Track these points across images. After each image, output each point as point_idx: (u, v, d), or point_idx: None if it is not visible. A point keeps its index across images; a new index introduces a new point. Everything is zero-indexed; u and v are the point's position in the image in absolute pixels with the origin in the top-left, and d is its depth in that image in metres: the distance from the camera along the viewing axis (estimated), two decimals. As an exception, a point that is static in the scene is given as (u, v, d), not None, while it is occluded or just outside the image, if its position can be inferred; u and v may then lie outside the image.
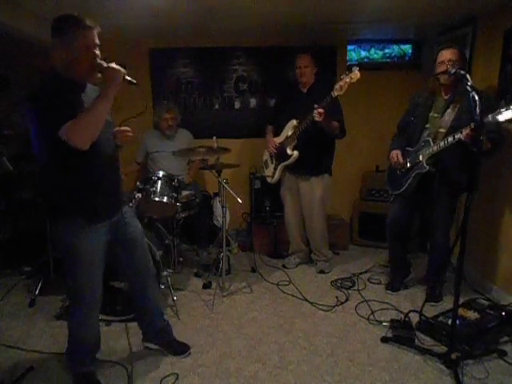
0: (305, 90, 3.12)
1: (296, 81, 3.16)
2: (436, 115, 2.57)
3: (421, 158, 2.55)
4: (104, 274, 1.88)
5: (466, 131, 2.21)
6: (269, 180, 3.38)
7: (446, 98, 2.56)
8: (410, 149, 2.67)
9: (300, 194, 3.26)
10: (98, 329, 2.00)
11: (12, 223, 3.66)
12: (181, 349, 2.20)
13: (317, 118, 2.73)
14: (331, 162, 3.22)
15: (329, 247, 3.44)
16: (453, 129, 2.41)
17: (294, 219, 3.38)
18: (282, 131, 3.18)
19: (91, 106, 1.55)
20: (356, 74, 2.51)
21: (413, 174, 2.62)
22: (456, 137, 2.29)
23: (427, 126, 2.60)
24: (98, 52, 1.64)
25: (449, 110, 2.51)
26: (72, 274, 1.80)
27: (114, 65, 1.61)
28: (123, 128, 1.92)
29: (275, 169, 3.27)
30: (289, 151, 3.09)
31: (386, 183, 2.90)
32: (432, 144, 2.49)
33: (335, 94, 2.65)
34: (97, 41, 1.64)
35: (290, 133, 3.08)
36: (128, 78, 1.63)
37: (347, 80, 2.55)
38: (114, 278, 2.44)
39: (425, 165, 2.53)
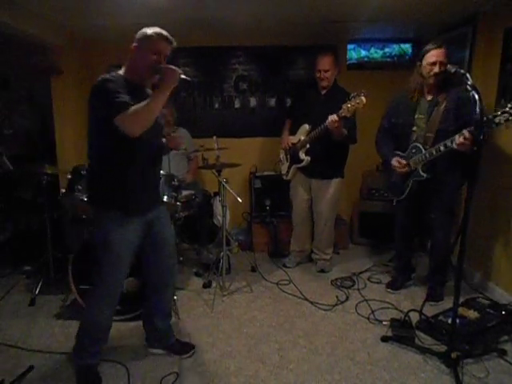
0: (323, 93, 3.07)
1: (315, 80, 3.09)
2: (422, 116, 2.54)
3: (415, 166, 2.54)
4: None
5: (459, 139, 2.19)
6: (284, 177, 3.38)
7: (429, 99, 2.53)
8: (400, 153, 2.65)
9: (311, 194, 3.25)
10: (111, 322, 2.00)
11: (12, 223, 3.66)
12: (185, 348, 2.20)
13: (330, 126, 2.74)
14: (344, 166, 3.21)
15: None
16: (441, 132, 2.41)
17: (301, 218, 3.36)
18: (296, 129, 3.17)
19: (148, 100, 1.62)
20: (362, 100, 2.53)
21: (411, 182, 2.61)
22: (451, 145, 2.27)
23: (414, 128, 2.57)
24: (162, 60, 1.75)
25: (433, 113, 2.48)
26: (100, 262, 1.85)
27: (172, 66, 1.68)
28: (174, 135, 2.19)
29: (289, 168, 3.29)
30: (301, 155, 3.11)
31: (387, 189, 2.88)
32: (424, 151, 2.47)
33: (342, 114, 2.66)
34: (167, 53, 1.77)
35: (302, 137, 3.08)
36: (183, 76, 1.70)
37: (353, 104, 2.58)
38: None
39: (421, 173, 2.52)
